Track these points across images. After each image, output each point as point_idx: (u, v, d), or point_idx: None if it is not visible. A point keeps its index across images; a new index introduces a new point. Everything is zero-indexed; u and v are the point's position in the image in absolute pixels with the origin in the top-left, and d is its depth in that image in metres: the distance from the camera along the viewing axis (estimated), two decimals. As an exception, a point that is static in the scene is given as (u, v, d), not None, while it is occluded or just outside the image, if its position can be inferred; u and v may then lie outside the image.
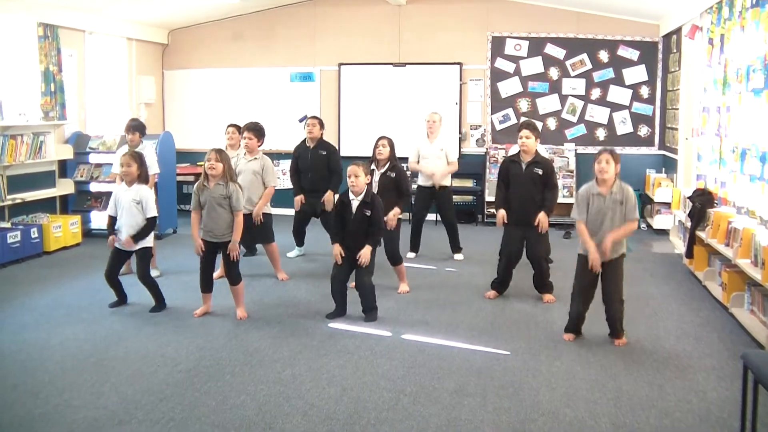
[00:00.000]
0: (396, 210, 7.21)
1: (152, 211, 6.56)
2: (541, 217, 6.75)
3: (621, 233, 5.50)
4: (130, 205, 6.50)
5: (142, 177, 6.63)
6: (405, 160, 8.16)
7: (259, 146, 7.60)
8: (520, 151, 6.89)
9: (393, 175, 7.25)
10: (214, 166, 6.21)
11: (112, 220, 6.60)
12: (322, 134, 8.56)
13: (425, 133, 8.71)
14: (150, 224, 6.57)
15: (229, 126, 8.55)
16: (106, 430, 4.19)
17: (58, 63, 9.57)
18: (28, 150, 9.04)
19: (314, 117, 8.73)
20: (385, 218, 6.94)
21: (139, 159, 6.64)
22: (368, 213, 6.30)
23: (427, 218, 8.98)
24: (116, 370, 5.10)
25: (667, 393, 4.72)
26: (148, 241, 6.65)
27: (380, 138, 7.34)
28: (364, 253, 6.24)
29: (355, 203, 6.33)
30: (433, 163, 8.56)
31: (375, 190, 7.06)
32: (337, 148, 8.89)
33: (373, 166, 7.30)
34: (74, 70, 10.22)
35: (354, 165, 6.31)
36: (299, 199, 8.37)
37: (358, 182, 6.27)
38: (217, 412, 4.42)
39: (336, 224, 6.47)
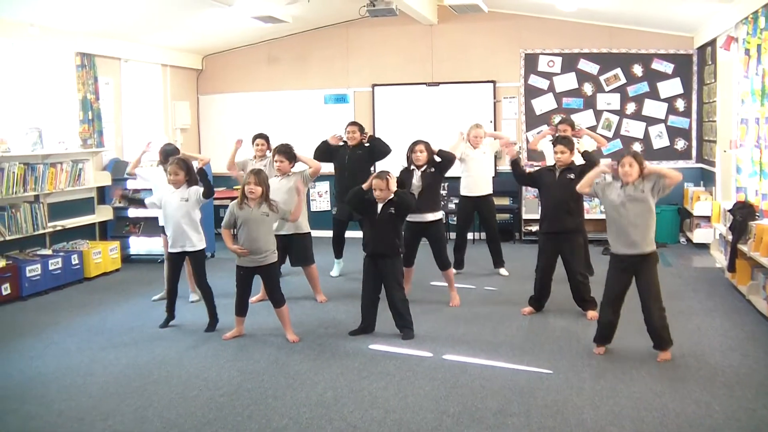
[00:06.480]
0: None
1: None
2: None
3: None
4: (179, 204, 6.61)
5: (191, 182, 6.74)
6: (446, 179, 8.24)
7: (291, 167, 7.56)
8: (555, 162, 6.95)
9: (433, 170, 7.34)
10: (254, 190, 6.21)
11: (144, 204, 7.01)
12: (362, 139, 8.67)
13: (470, 144, 8.75)
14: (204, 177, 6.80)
15: (257, 137, 8.32)
16: (150, 454, 4.21)
17: (95, 91, 9.72)
18: (67, 178, 9.18)
19: (354, 123, 8.85)
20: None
21: (185, 166, 6.74)
22: (393, 210, 6.30)
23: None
24: (159, 395, 5.13)
25: (714, 410, 4.62)
26: (200, 244, 6.80)
27: (417, 143, 7.34)
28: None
29: (379, 206, 6.34)
30: (478, 168, 8.71)
31: (418, 191, 7.16)
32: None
33: (412, 167, 7.37)
34: (111, 97, 10.37)
35: (379, 179, 6.25)
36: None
37: (383, 195, 6.26)
38: (260, 436, 4.43)
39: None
